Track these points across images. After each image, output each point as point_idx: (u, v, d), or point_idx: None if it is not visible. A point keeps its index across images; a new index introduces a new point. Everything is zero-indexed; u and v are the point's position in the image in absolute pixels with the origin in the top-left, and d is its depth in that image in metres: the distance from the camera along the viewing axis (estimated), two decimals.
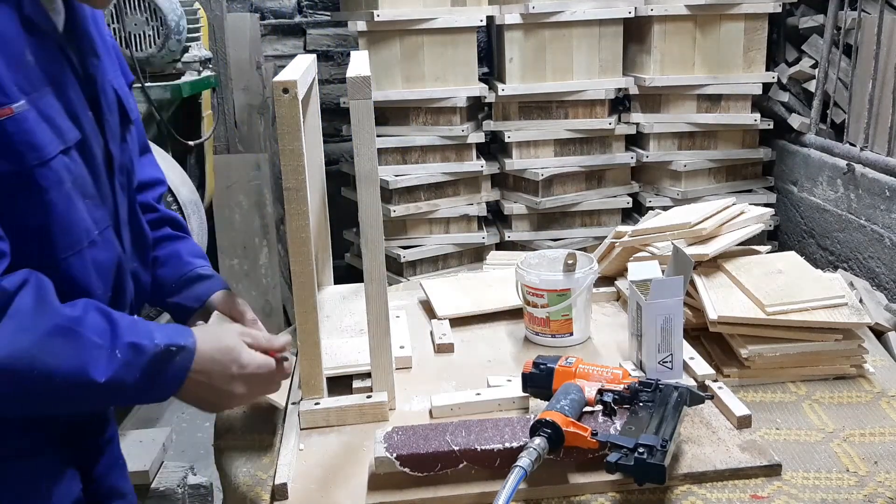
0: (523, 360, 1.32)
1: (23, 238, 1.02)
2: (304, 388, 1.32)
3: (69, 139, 1.07)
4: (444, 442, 1.14)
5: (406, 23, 3.21)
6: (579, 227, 3.56)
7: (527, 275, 1.54)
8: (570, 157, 3.45)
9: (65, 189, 1.05)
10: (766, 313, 1.41)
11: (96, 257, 1.12)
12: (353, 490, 1.14)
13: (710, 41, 3.35)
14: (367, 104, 1.22)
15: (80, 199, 1.08)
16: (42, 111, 1.02)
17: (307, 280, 1.26)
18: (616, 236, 1.76)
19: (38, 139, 1.00)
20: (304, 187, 1.22)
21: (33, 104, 1.01)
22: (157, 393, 1.09)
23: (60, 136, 1.05)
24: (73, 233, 1.07)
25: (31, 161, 1.00)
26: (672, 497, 1.11)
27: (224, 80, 3.72)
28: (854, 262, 3.07)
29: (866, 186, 2.96)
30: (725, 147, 3.48)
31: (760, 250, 1.68)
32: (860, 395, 1.36)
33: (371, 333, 1.31)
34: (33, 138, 1.00)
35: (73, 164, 1.07)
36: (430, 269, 3.47)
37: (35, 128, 1.00)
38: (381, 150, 3.29)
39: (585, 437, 1.10)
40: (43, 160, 1.01)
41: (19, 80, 0.99)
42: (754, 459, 1.15)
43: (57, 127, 1.04)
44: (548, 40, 3.32)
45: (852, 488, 1.11)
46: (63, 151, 1.05)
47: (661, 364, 1.36)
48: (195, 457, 3.02)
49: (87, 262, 1.11)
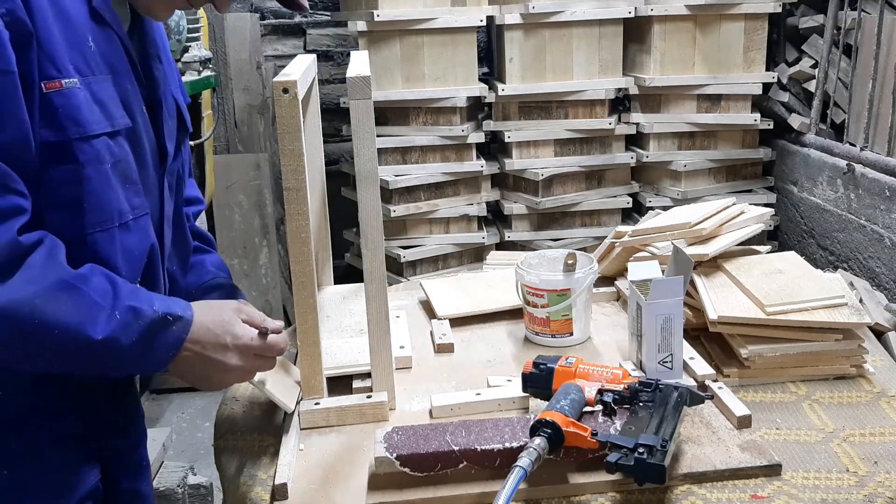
0: (523, 360, 1.32)
1: (55, 206, 1.08)
2: (304, 388, 1.32)
3: (118, 124, 1.13)
4: (444, 442, 1.14)
5: (406, 23, 3.21)
6: (579, 227, 3.56)
7: (527, 275, 1.54)
8: (570, 157, 3.45)
9: (103, 168, 1.10)
10: (766, 313, 1.41)
11: (125, 240, 1.16)
12: (353, 490, 1.14)
13: (710, 41, 3.35)
14: (367, 104, 1.22)
15: (118, 182, 1.13)
16: (95, 93, 1.09)
17: (307, 280, 1.26)
18: (616, 236, 1.76)
19: (83, 116, 1.07)
20: (304, 187, 1.22)
21: (87, 86, 1.08)
22: (152, 359, 1.12)
23: (109, 120, 1.11)
24: (105, 211, 1.11)
25: (73, 134, 1.06)
26: (672, 497, 1.11)
27: (224, 80, 3.72)
28: (854, 262, 3.07)
29: (866, 186, 2.96)
30: (725, 147, 3.48)
31: (760, 250, 1.68)
32: (860, 395, 1.36)
33: (371, 333, 1.31)
34: (78, 114, 1.06)
35: (118, 147, 1.13)
36: (430, 269, 3.47)
37: (83, 105, 1.07)
38: (381, 150, 3.29)
39: (585, 437, 1.10)
40: (84, 136, 1.07)
41: (77, 61, 1.07)
42: (754, 459, 1.15)
43: (107, 111, 1.11)
44: (548, 40, 3.32)
45: (852, 488, 1.11)
46: (109, 134, 1.11)
47: (661, 364, 1.36)
48: (195, 457, 3.03)
49: (116, 242, 1.14)
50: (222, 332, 1.17)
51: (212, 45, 3.62)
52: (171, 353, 1.12)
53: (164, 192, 1.27)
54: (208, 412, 3.32)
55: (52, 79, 1.04)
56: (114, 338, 1.05)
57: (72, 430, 1.21)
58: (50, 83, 1.04)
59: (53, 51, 1.04)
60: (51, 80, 1.04)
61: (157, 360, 1.12)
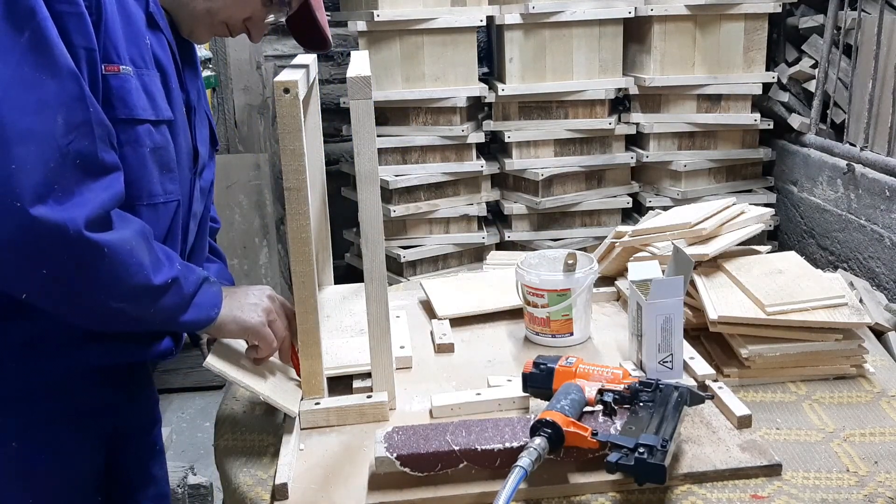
0: (523, 360, 1.32)
1: None
2: (305, 388, 1.32)
3: (162, 115, 1.23)
4: (445, 442, 1.14)
5: (406, 23, 3.21)
6: (579, 227, 3.56)
7: (527, 275, 1.54)
8: (570, 157, 3.45)
9: (141, 151, 1.20)
10: (766, 313, 1.41)
11: (150, 219, 1.23)
12: (353, 490, 1.14)
13: (710, 41, 3.35)
14: (367, 104, 1.22)
15: (156, 166, 1.23)
16: (145, 85, 1.20)
17: (307, 280, 1.26)
18: (616, 236, 1.76)
19: (132, 101, 1.17)
20: (305, 187, 1.22)
21: (139, 77, 1.19)
22: (198, 311, 1.24)
23: (154, 110, 1.21)
24: (135, 188, 1.20)
25: (120, 115, 1.16)
26: (672, 497, 1.11)
27: (224, 80, 3.72)
28: (854, 262, 3.07)
29: (866, 186, 2.96)
30: (725, 147, 3.48)
31: (760, 250, 1.68)
32: (860, 395, 1.36)
33: (371, 333, 1.31)
34: (128, 98, 1.17)
35: (160, 136, 1.23)
36: (430, 269, 3.47)
37: (133, 92, 1.17)
38: (381, 150, 3.29)
39: (585, 437, 1.10)
40: (129, 118, 1.17)
41: (133, 54, 1.18)
42: (754, 459, 1.15)
43: (154, 101, 1.21)
44: (548, 40, 3.32)
45: (852, 488, 1.11)
46: (152, 122, 1.21)
47: (661, 364, 1.36)
48: (195, 457, 3.03)
49: (141, 218, 1.21)
50: (241, 290, 1.34)
51: (212, 45, 3.62)
52: (215, 310, 1.26)
53: (195, 191, 1.36)
54: (208, 412, 3.32)
55: (112, 63, 1.15)
56: (178, 282, 1.19)
57: (78, 409, 1.26)
58: (110, 66, 1.14)
59: (116, 39, 1.15)
60: (111, 63, 1.14)
61: (204, 314, 1.25)
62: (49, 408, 1.24)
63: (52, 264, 1.05)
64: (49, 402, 1.24)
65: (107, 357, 1.26)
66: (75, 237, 1.03)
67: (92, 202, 1.06)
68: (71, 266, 1.06)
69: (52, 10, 1.05)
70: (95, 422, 1.30)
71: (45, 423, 1.23)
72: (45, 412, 1.23)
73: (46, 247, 1.03)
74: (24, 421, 1.22)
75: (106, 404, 1.31)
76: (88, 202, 1.06)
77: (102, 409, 1.31)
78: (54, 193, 1.02)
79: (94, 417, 1.30)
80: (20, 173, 0.99)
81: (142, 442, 1.47)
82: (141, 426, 1.46)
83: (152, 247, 1.17)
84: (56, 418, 1.24)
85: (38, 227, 1.01)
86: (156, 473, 1.50)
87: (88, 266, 1.07)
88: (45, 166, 1.01)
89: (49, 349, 1.21)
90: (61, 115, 1.04)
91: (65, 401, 1.25)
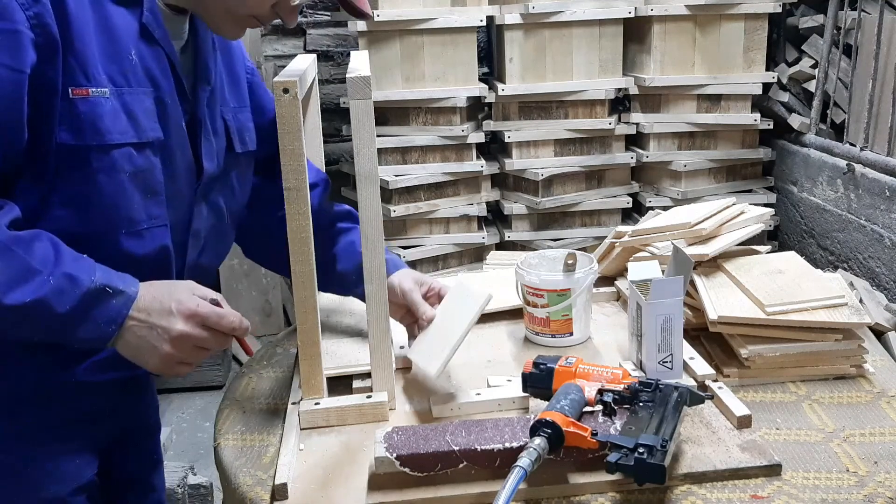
0: (523, 360, 1.32)
1: (63, 204, 1.12)
2: (304, 388, 1.32)
3: (146, 136, 1.16)
4: (444, 442, 1.14)
5: (406, 23, 3.21)
6: (579, 227, 3.56)
7: (527, 275, 1.54)
8: (570, 157, 3.45)
9: (119, 177, 1.13)
10: (766, 313, 1.41)
11: (133, 247, 1.18)
12: (353, 490, 1.14)
13: (710, 41, 3.35)
14: (367, 104, 1.22)
15: (137, 191, 1.16)
16: (126, 105, 1.13)
17: (307, 280, 1.26)
18: (616, 236, 1.76)
19: (104, 125, 1.11)
20: (305, 187, 1.22)
21: (119, 96, 1.12)
22: (94, 330, 1.10)
23: (136, 131, 1.14)
24: (113, 217, 1.14)
25: (90, 141, 1.10)
26: (672, 497, 1.11)
27: None
28: (854, 262, 3.07)
29: (866, 186, 2.96)
30: (725, 147, 3.48)
31: (760, 250, 1.68)
32: (860, 395, 1.36)
33: (371, 333, 1.31)
34: (100, 123, 1.10)
35: (143, 159, 1.16)
36: (430, 269, 3.47)
37: (106, 116, 1.11)
38: (381, 150, 3.29)
39: (585, 437, 1.10)
40: (102, 144, 1.11)
41: (112, 72, 1.12)
42: (754, 459, 1.15)
43: (137, 122, 1.14)
44: (548, 40, 3.32)
45: (852, 488, 1.11)
46: (133, 145, 1.14)
47: (661, 364, 1.36)
48: (195, 457, 3.03)
49: (121, 247, 1.17)
50: (167, 299, 1.14)
51: None
52: (112, 326, 1.11)
53: (196, 207, 1.28)
54: (208, 412, 3.32)
55: (80, 86, 1.08)
56: (45, 302, 1.05)
57: (71, 417, 1.23)
58: (77, 90, 1.08)
59: (88, 59, 1.09)
60: (78, 87, 1.08)
61: (99, 332, 1.11)
62: (36, 415, 1.20)
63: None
64: (36, 409, 1.20)
65: (98, 374, 1.23)
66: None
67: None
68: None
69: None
70: (86, 430, 1.26)
71: (32, 432, 1.20)
72: (32, 419, 1.20)
73: None
74: (9, 429, 1.19)
75: (98, 412, 1.27)
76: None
77: (94, 416, 1.27)
78: None
79: (85, 426, 1.26)
80: None
81: (140, 450, 1.43)
82: (139, 433, 1.42)
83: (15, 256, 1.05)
84: (43, 427, 1.21)
85: None
86: (154, 483, 1.47)
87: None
88: None
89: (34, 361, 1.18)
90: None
91: (53, 409, 1.21)
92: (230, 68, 1.37)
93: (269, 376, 1.54)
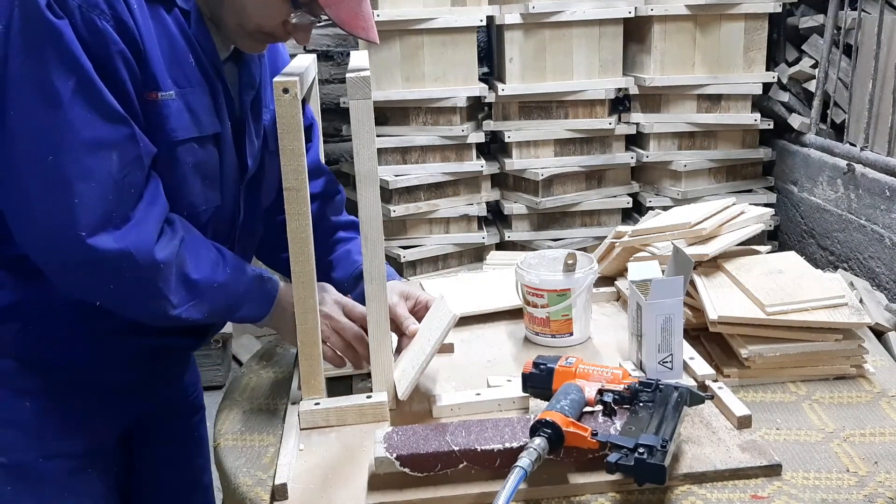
0: (523, 360, 1.32)
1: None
2: (304, 388, 1.32)
3: (206, 130, 1.27)
4: (444, 442, 1.14)
5: (406, 23, 3.21)
6: (579, 227, 3.56)
7: (527, 275, 1.54)
8: (570, 157, 3.45)
9: (181, 170, 1.25)
10: (766, 313, 1.41)
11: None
12: (353, 490, 1.14)
13: (710, 41, 3.35)
14: (367, 104, 1.22)
15: (197, 179, 1.28)
16: (189, 104, 1.24)
17: (307, 280, 1.26)
18: (616, 236, 1.76)
19: (170, 125, 1.21)
20: (305, 187, 1.23)
21: (183, 97, 1.23)
22: (257, 306, 1.32)
23: (198, 126, 1.25)
24: (174, 204, 1.24)
25: (159, 138, 1.21)
26: (672, 497, 1.11)
27: None
28: (854, 262, 3.07)
29: (866, 186, 2.96)
30: (725, 147, 3.48)
31: (760, 250, 1.68)
32: (860, 395, 1.36)
33: (371, 333, 1.31)
34: (166, 123, 1.21)
35: (203, 151, 1.27)
36: (430, 269, 3.47)
37: (173, 116, 1.21)
38: (381, 150, 3.29)
39: (585, 437, 1.10)
40: (168, 141, 1.22)
41: (176, 75, 1.22)
42: (754, 459, 1.15)
43: (198, 118, 1.25)
44: (548, 40, 3.32)
45: (852, 488, 1.11)
46: (195, 139, 1.25)
47: (661, 364, 1.36)
48: None
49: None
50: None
51: None
52: (269, 303, 1.32)
53: (242, 202, 1.39)
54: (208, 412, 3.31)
55: (151, 90, 1.19)
56: (231, 281, 1.27)
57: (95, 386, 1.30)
58: (150, 94, 1.19)
59: (157, 66, 1.19)
60: (151, 91, 1.19)
61: (260, 305, 1.32)
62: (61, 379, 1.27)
63: (117, 282, 1.17)
64: (61, 374, 1.27)
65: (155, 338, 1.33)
66: (141, 260, 1.15)
67: (146, 222, 1.17)
68: (133, 282, 1.17)
69: (95, 53, 1.11)
70: (112, 403, 1.33)
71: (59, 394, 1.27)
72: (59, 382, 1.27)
73: (109, 270, 1.15)
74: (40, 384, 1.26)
75: (128, 384, 1.34)
76: (143, 223, 1.16)
77: (123, 390, 1.34)
78: (113, 222, 1.14)
79: (111, 397, 1.32)
80: (82, 208, 1.11)
81: (177, 431, 1.51)
82: (175, 412, 1.49)
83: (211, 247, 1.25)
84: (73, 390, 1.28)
85: (99, 254, 1.13)
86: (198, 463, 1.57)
87: (148, 280, 1.18)
88: (105, 200, 1.13)
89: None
90: (116, 154, 1.13)
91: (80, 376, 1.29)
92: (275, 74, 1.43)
93: (269, 376, 1.54)
